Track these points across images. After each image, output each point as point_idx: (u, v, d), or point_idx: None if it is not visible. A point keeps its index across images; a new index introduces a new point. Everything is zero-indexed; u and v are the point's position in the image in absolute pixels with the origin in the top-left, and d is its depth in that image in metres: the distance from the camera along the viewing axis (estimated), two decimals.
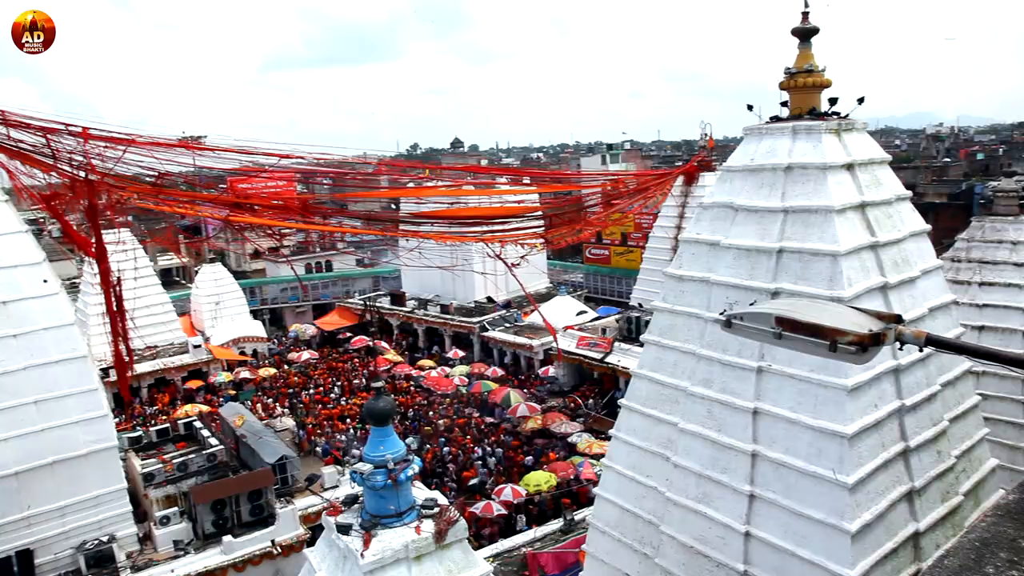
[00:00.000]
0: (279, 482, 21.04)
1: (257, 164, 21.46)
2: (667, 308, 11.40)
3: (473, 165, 70.75)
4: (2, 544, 17.34)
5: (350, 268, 59.58)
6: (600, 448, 25.48)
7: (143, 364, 36.11)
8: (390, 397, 10.07)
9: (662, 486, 11.03)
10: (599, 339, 34.86)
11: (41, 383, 17.92)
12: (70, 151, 18.48)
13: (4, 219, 18.44)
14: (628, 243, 55.14)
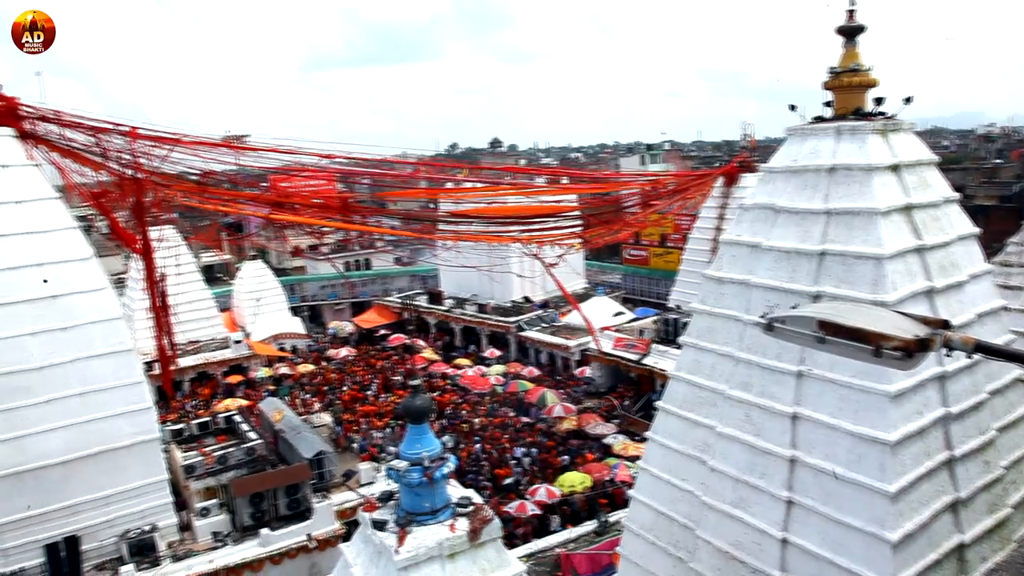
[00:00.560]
0: (316, 477, 21.28)
1: (298, 163, 21.76)
2: (706, 310, 11.27)
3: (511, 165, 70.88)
4: (50, 530, 17.85)
5: (388, 267, 60.10)
6: (636, 450, 25.31)
7: (185, 358, 36.87)
8: (427, 395, 10.12)
9: (698, 490, 10.92)
10: (636, 340, 34.61)
11: (88, 375, 18.39)
12: (119, 150, 18.98)
13: (56, 216, 18.93)
14: (667, 244, 54.68)
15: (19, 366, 17.61)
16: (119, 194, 20.54)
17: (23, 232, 18.19)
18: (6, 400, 17.43)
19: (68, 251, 18.79)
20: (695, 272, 34.39)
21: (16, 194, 18.36)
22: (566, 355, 39.43)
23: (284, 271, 58.78)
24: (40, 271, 18.18)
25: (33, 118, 19.05)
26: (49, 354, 17.95)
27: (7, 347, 17.57)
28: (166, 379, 23.99)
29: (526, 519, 22.03)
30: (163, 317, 22.01)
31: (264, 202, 21.81)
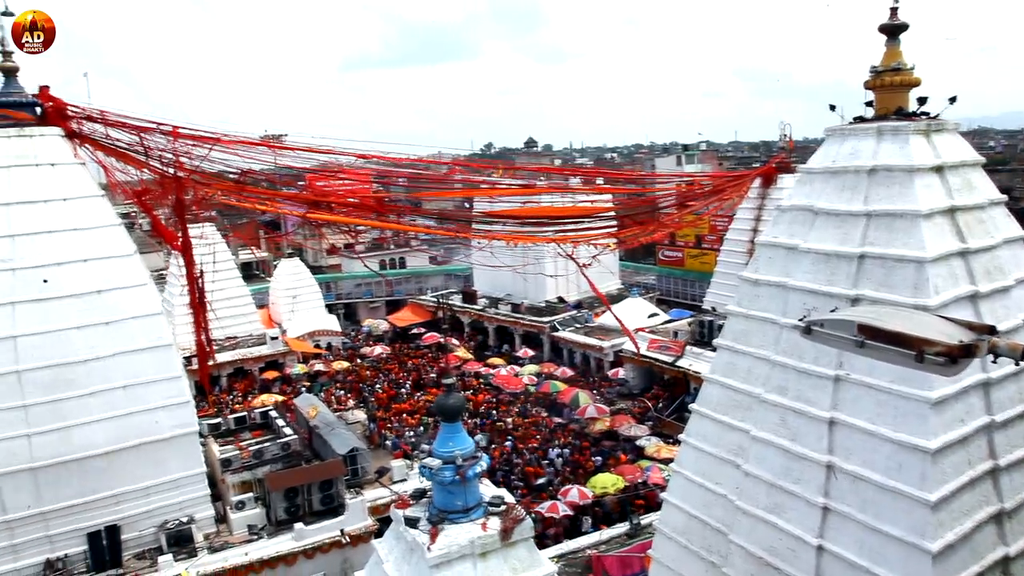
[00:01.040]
0: (349, 473, 21.51)
1: (335, 162, 21.97)
2: (741, 312, 11.16)
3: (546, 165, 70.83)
4: (92, 519, 18.33)
5: (423, 265, 60.45)
6: (669, 453, 25.12)
7: (223, 354, 37.47)
8: (461, 394, 10.17)
9: (732, 494, 10.81)
10: (671, 342, 34.34)
11: (129, 369, 18.81)
12: (161, 149, 19.35)
13: (101, 213, 19.40)
14: (702, 245, 54.21)
15: (65, 359, 18.09)
16: (160, 192, 20.95)
17: (69, 229, 18.68)
18: (52, 392, 17.92)
19: (112, 247, 19.24)
20: (731, 274, 34.08)
21: (63, 192, 18.85)
22: (600, 356, 39.27)
23: (320, 269, 59.47)
24: (85, 267, 18.64)
25: (80, 118, 19.53)
26: (93, 348, 18.40)
27: (54, 341, 18.05)
28: (204, 374, 24.37)
29: (558, 520, 21.99)
30: (202, 313, 22.38)
31: (301, 201, 22.07)
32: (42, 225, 18.40)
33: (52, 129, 19.31)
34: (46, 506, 17.92)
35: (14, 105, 19.12)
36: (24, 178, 18.52)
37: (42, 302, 18.07)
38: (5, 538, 17.69)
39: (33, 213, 18.42)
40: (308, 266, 52.28)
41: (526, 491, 24.79)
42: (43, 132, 19.15)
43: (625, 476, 24.09)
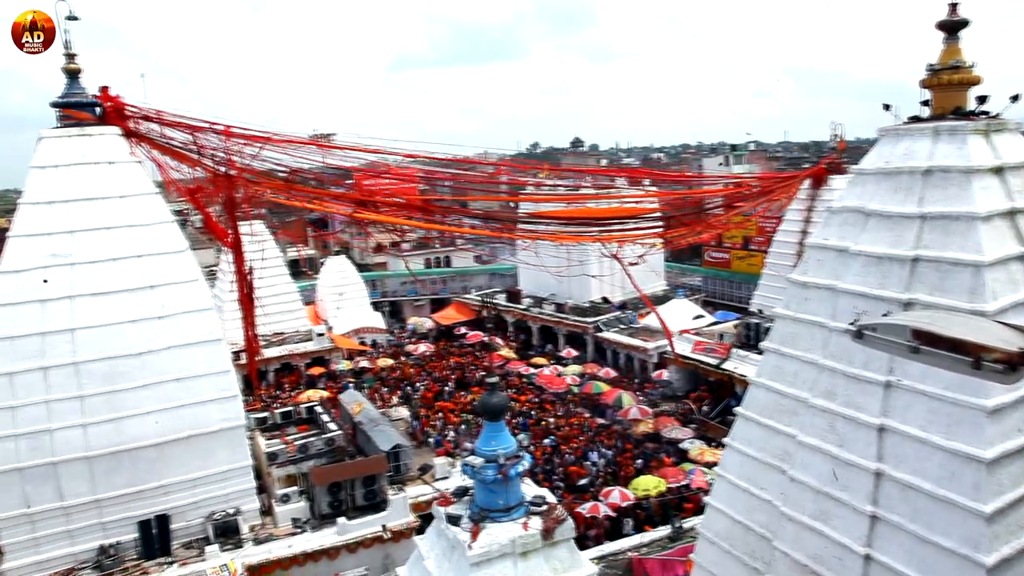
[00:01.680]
0: (392, 470, 21.71)
1: (383, 162, 22.19)
2: (789, 315, 10.97)
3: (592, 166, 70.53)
4: (143, 508, 18.86)
5: (468, 264, 60.76)
6: (712, 456, 24.81)
7: (271, 349, 38.18)
8: (504, 393, 10.19)
9: (777, 500, 10.63)
10: (716, 344, 33.90)
11: (180, 363, 19.29)
12: (213, 148, 19.80)
13: (155, 210, 19.94)
14: (750, 247, 53.44)
15: (119, 352, 18.64)
16: (212, 190, 21.43)
17: (125, 225, 19.24)
18: (107, 384, 18.48)
19: (165, 244, 19.76)
20: (779, 276, 33.59)
21: (120, 189, 19.43)
22: (644, 357, 38.98)
23: (366, 267, 60.16)
24: (140, 263, 19.18)
25: (137, 117, 20.10)
26: (146, 342, 18.92)
27: (109, 334, 18.61)
28: (252, 368, 24.83)
29: (599, 521, 21.89)
30: (250, 309, 22.84)
31: (348, 200, 22.35)
32: (100, 221, 19.00)
33: (111, 128, 19.91)
34: (100, 494, 18.52)
35: (76, 105, 19.77)
36: (84, 176, 19.14)
37: (99, 296, 18.65)
38: (62, 523, 18.33)
39: (92, 210, 19.02)
40: (355, 264, 52.91)
41: (567, 491, 24.72)
42: (102, 131, 19.77)
43: (668, 479, 23.87)
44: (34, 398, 18.01)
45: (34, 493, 18.03)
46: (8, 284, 18.36)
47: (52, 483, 18.13)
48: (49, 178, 18.98)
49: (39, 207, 18.82)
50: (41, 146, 19.22)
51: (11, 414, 17.89)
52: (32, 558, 18.18)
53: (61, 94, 19.79)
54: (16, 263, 18.43)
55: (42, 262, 18.44)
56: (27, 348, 18.08)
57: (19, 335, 18.06)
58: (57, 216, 18.78)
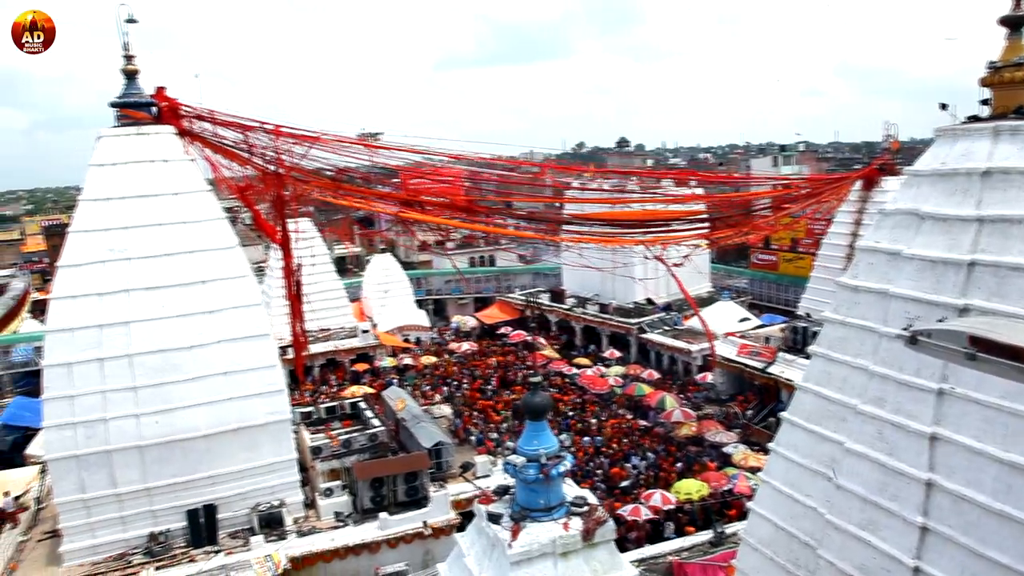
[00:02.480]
0: (434, 466, 21.86)
1: (428, 161, 22.37)
2: (838, 320, 10.75)
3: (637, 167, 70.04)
4: (191, 497, 19.33)
5: (512, 264, 60.83)
6: (756, 461, 24.44)
7: (316, 345, 38.72)
8: (547, 393, 10.19)
9: (822, 507, 10.44)
10: (762, 348, 33.39)
11: (229, 357, 19.70)
12: (263, 147, 20.19)
13: (208, 207, 20.41)
14: (798, 249, 52.50)
15: (171, 345, 19.13)
16: (262, 188, 21.87)
17: (179, 222, 19.74)
18: (160, 376, 18.99)
19: (216, 240, 20.21)
20: (827, 279, 32.96)
21: (174, 186, 19.94)
22: (688, 359, 38.58)
23: (411, 265, 60.66)
24: (192, 258, 19.64)
25: (191, 117, 20.60)
26: (196, 335, 19.38)
27: (162, 327, 19.11)
28: (298, 363, 25.26)
29: (640, 523, 21.74)
30: (298, 305, 23.24)
31: (394, 199, 22.60)
32: (155, 218, 19.53)
33: (166, 127, 20.44)
34: (151, 482, 19.04)
35: (134, 105, 20.35)
36: (140, 173, 19.69)
37: (153, 290, 19.17)
38: (115, 510, 18.89)
39: (147, 206, 19.56)
40: (400, 262, 53.40)
41: (607, 493, 24.60)
42: (158, 130, 20.31)
43: (710, 483, 23.59)
44: (91, 388, 18.61)
45: (89, 479, 18.63)
46: (68, 278, 18.99)
47: (106, 471, 18.71)
48: (107, 176, 19.56)
49: (97, 203, 19.42)
50: (100, 145, 19.83)
51: (70, 403, 18.51)
52: (87, 542, 18.80)
53: (119, 95, 20.38)
54: (75, 257, 19.05)
55: (100, 257, 19.03)
56: (85, 340, 18.69)
57: (78, 327, 18.67)
58: (114, 212, 19.35)
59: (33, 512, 21.81)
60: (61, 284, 19.10)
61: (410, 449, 22.32)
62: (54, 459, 18.69)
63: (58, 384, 18.57)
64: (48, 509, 21.19)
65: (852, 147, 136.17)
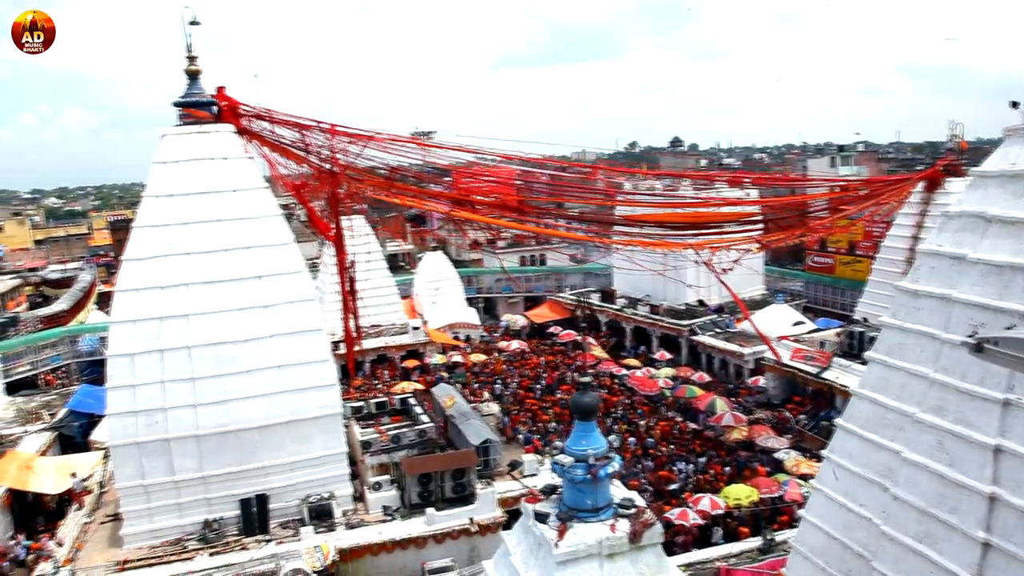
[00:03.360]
0: (481, 464, 21.97)
1: (481, 161, 22.46)
2: (897, 325, 10.46)
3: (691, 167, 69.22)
4: (245, 487, 19.82)
5: (563, 263, 60.67)
6: (809, 468, 23.95)
7: (368, 341, 39.21)
8: (596, 393, 10.16)
9: (877, 518, 10.17)
10: (816, 352, 32.69)
11: (283, 351, 20.13)
12: (319, 145, 20.55)
13: (265, 204, 20.87)
14: (856, 252, 51.21)
15: (227, 338, 19.63)
16: (317, 186, 22.26)
17: (237, 218, 20.23)
18: (216, 368, 19.50)
19: (273, 236, 20.66)
20: (886, 283, 32.11)
21: (233, 184, 20.44)
22: (739, 363, 37.99)
23: (462, 263, 60.93)
24: (248, 254, 20.12)
25: (250, 116, 21.10)
26: (252, 329, 19.84)
27: (219, 321, 19.62)
28: (350, 359, 25.60)
29: (687, 528, 21.50)
30: (350, 301, 23.59)
31: (446, 198, 22.76)
32: (214, 214, 20.06)
33: (226, 126, 20.98)
34: (206, 471, 19.58)
35: (196, 105, 20.94)
36: (201, 171, 20.25)
37: (211, 284, 19.70)
38: (172, 496, 19.49)
39: (207, 203, 20.10)
40: (451, 260, 53.71)
41: (655, 496, 24.38)
42: (218, 129, 20.86)
43: (760, 489, 23.19)
44: (151, 378, 19.22)
45: (149, 466, 19.26)
46: (131, 271, 19.64)
47: (165, 458, 19.31)
48: (170, 173, 20.17)
49: (160, 200, 20.04)
50: (163, 143, 20.46)
51: (131, 392, 19.16)
52: (146, 526, 19.44)
53: (182, 94, 20.98)
54: (139, 252, 19.71)
55: (161, 251, 19.62)
56: (147, 331, 19.31)
57: (140, 319, 19.30)
58: (176, 208, 19.94)
59: (96, 495, 22.67)
60: (125, 277, 19.77)
61: (458, 446, 22.47)
62: (116, 445, 19.40)
63: (121, 373, 19.24)
64: (110, 493, 21.99)
65: (914, 147, 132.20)
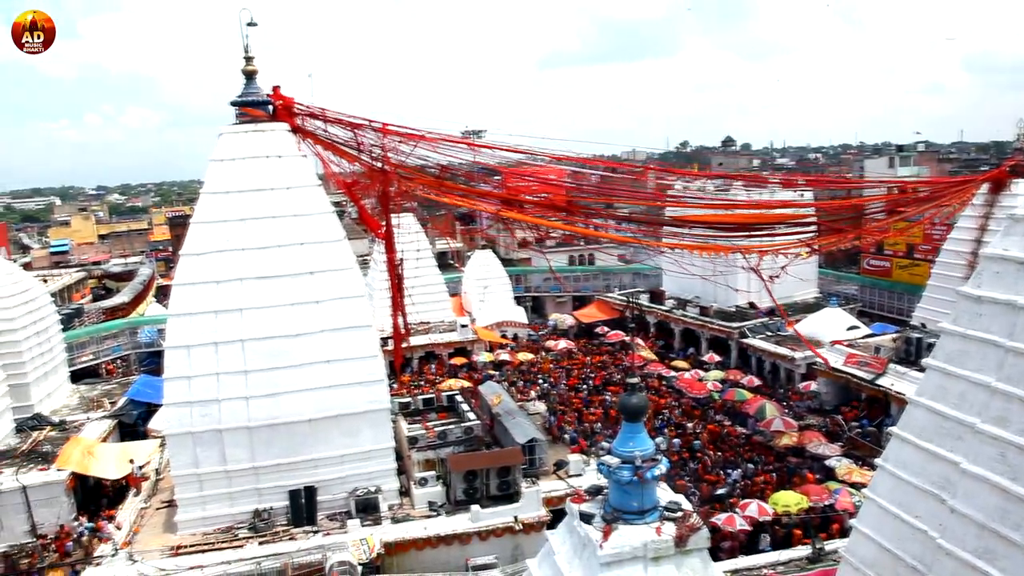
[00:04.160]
0: (527, 462, 21.97)
1: (530, 160, 22.45)
2: (958, 332, 10.14)
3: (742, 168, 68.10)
4: (294, 478, 20.23)
5: (611, 263, 60.30)
6: (861, 477, 23.38)
7: (416, 338, 39.54)
8: (644, 394, 10.07)
9: (933, 531, 9.87)
10: (871, 358, 31.86)
11: (333, 346, 20.43)
12: (371, 144, 20.79)
13: (317, 201, 21.23)
14: (914, 256, 49.77)
15: (279, 333, 20.01)
16: (368, 184, 22.52)
17: (291, 215, 20.62)
18: (268, 362, 19.92)
19: (325, 233, 21.00)
20: (947, 288, 31.22)
21: (287, 181, 20.84)
22: (791, 367, 37.25)
23: (511, 261, 60.99)
24: (301, 250, 20.47)
25: (304, 115, 21.45)
26: (303, 324, 20.20)
27: (272, 315, 20.02)
28: (398, 355, 25.83)
29: (734, 533, 21.19)
30: (399, 298, 23.81)
31: (495, 198, 22.80)
32: (268, 210, 20.47)
33: (280, 125, 21.38)
34: (257, 462, 20.02)
35: (252, 104, 21.41)
36: (256, 168, 20.69)
37: (264, 280, 20.11)
38: (224, 486, 19.98)
39: (261, 200, 20.53)
40: (499, 258, 53.83)
41: (702, 500, 24.08)
42: (273, 127, 21.28)
43: (810, 496, 22.71)
44: (206, 370, 19.71)
45: (203, 455, 19.77)
46: (189, 266, 20.18)
47: (218, 448, 19.80)
48: (226, 170, 20.65)
49: (216, 196, 20.54)
50: (220, 141, 20.96)
51: (187, 383, 19.69)
52: (199, 513, 19.97)
53: (239, 94, 21.46)
54: (196, 247, 20.23)
55: (217, 247, 20.10)
56: (202, 324, 19.81)
57: (196, 312, 19.81)
58: (231, 205, 20.41)
59: (153, 482, 23.37)
60: (182, 271, 20.33)
61: (504, 444, 22.52)
62: (172, 434, 19.97)
63: (177, 365, 19.79)
64: (166, 480, 22.65)
65: (979, 147, 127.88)
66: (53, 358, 31.57)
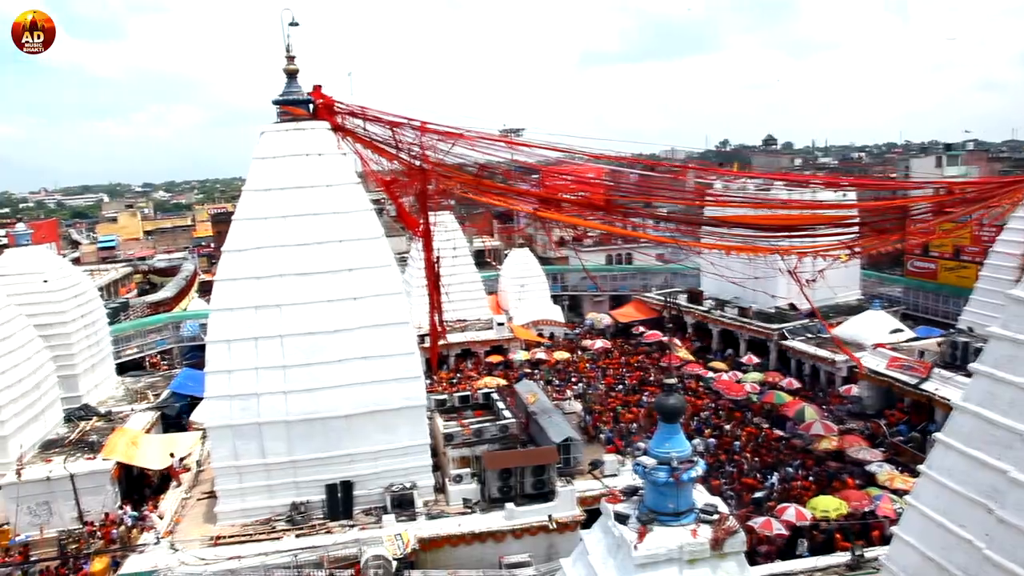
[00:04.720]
0: (562, 461, 21.95)
1: (569, 159, 22.39)
2: (1008, 336, 9.88)
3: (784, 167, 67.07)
4: (331, 473, 20.49)
5: (649, 263, 59.92)
6: (904, 483, 22.87)
7: (453, 335, 39.77)
8: (681, 395, 9.99)
9: (980, 540, 9.63)
10: (915, 362, 31.16)
11: (370, 342, 20.65)
12: (410, 142, 20.93)
13: (357, 199, 21.46)
14: (961, 258, 48.54)
15: (318, 328, 20.27)
16: (407, 182, 22.69)
17: (330, 212, 20.88)
18: (307, 357, 20.20)
19: (364, 230, 21.21)
20: (996, 291, 30.44)
21: (327, 179, 21.11)
22: (832, 370, 36.58)
23: (548, 260, 60.93)
24: (340, 247, 20.71)
25: (344, 113, 21.68)
26: (341, 320, 20.44)
27: (310, 311, 20.30)
28: (434, 352, 25.99)
29: (771, 538, 20.90)
30: (436, 295, 23.96)
31: (533, 196, 22.78)
32: (309, 208, 20.75)
33: (321, 123, 21.66)
34: (295, 456, 20.32)
35: (293, 102, 21.72)
36: (297, 166, 20.99)
37: (304, 276, 20.38)
38: (263, 478, 20.33)
39: (302, 197, 20.83)
40: (537, 257, 53.80)
41: (739, 503, 23.79)
42: (314, 126, 21.57)
43: (850, 502, 22.30)
44: (246, 364, 20.05)
45: (242, 448, 20.13)
46: (230, 262, 20.54)
47: (257, 441, 20.14)
48: (268, 168, 20.98)
49: (258, 194, 20.88)
50: (262, 139, 21.29)
51: (227, 377, 20.06)
52: (238, 505, 20.35)
53: (280, 93, 21.79)
54: (237, 243, 20.58)
55: (258, 243, 20.43)
56: (243, 319, 20.16)
57: (237, 307, 20.17)
58: (273, 202, 20.73)
59: (194, 473, 23.85)
60: (224, 267, 20.71)
61: (539, 443, 22.52)
62: (213, 427, 20.37)
63: (219, 359, 20.16)
64: (207, 472, 23.10)
65: None
66: (100, 350, 32.41)
